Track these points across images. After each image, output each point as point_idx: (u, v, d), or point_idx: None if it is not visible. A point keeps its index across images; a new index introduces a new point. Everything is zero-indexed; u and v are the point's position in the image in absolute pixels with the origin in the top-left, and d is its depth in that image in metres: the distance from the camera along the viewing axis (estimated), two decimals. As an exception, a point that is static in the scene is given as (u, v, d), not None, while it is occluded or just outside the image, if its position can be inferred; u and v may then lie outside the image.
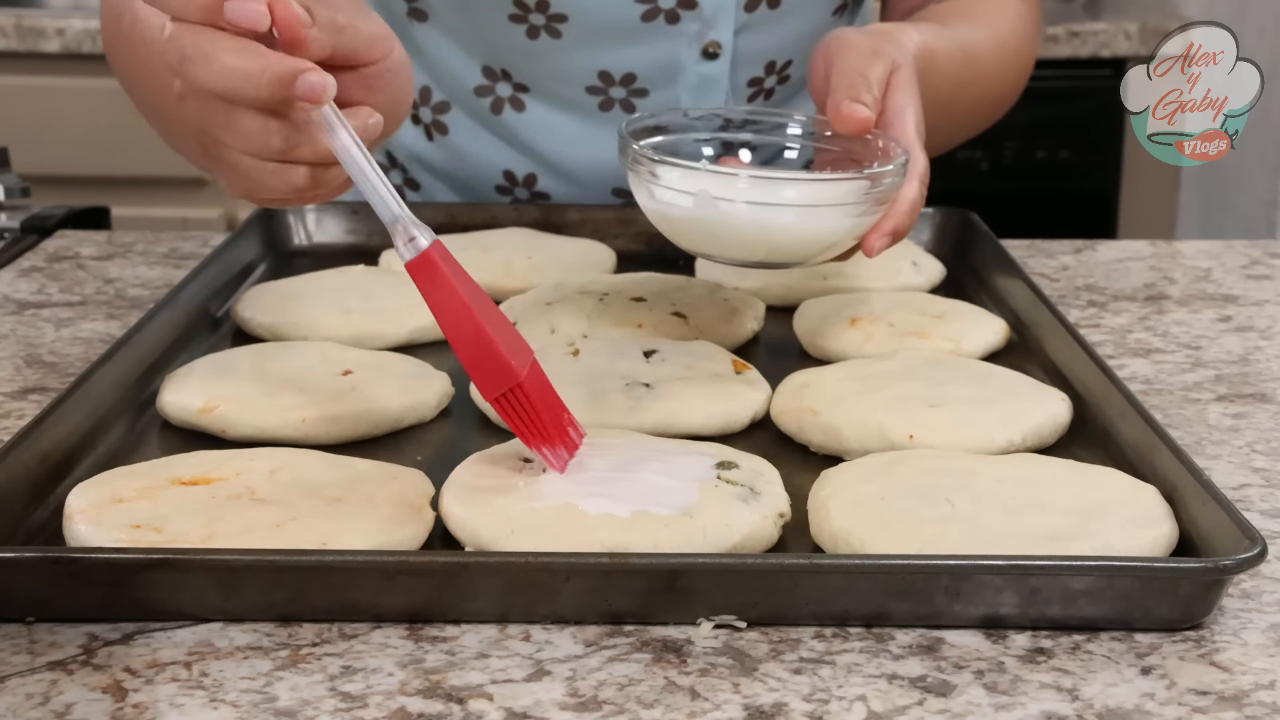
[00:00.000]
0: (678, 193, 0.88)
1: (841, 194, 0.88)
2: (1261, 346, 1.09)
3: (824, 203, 0.88)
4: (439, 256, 0.77)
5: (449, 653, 0.67)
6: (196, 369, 0.94)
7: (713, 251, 0.91)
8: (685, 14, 1.20)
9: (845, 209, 0.88)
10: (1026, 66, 1.23)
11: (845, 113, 0.92)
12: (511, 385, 0.77)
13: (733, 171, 0.89)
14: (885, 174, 0.89)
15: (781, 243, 0.89)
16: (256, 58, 0.72)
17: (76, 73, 2.58)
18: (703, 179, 0.88)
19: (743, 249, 0.90)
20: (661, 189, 0.89)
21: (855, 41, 0.97)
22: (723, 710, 0.63)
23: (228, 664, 0.67)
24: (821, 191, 0.88)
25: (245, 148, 0.76)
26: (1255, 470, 0.88)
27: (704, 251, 0.92)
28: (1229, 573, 0.69)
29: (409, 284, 1.10)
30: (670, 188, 0.89)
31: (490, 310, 0.78)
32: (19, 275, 1.22)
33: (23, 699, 0.64)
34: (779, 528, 0.77)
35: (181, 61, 0.73)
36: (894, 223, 0.91)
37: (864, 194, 0.88)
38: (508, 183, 1.30)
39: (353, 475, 0.79)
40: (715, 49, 1.22)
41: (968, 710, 0.64)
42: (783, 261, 0.92)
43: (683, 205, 0.88)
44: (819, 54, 0.99)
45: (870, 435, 0.87)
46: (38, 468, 0.81)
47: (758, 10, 1.21)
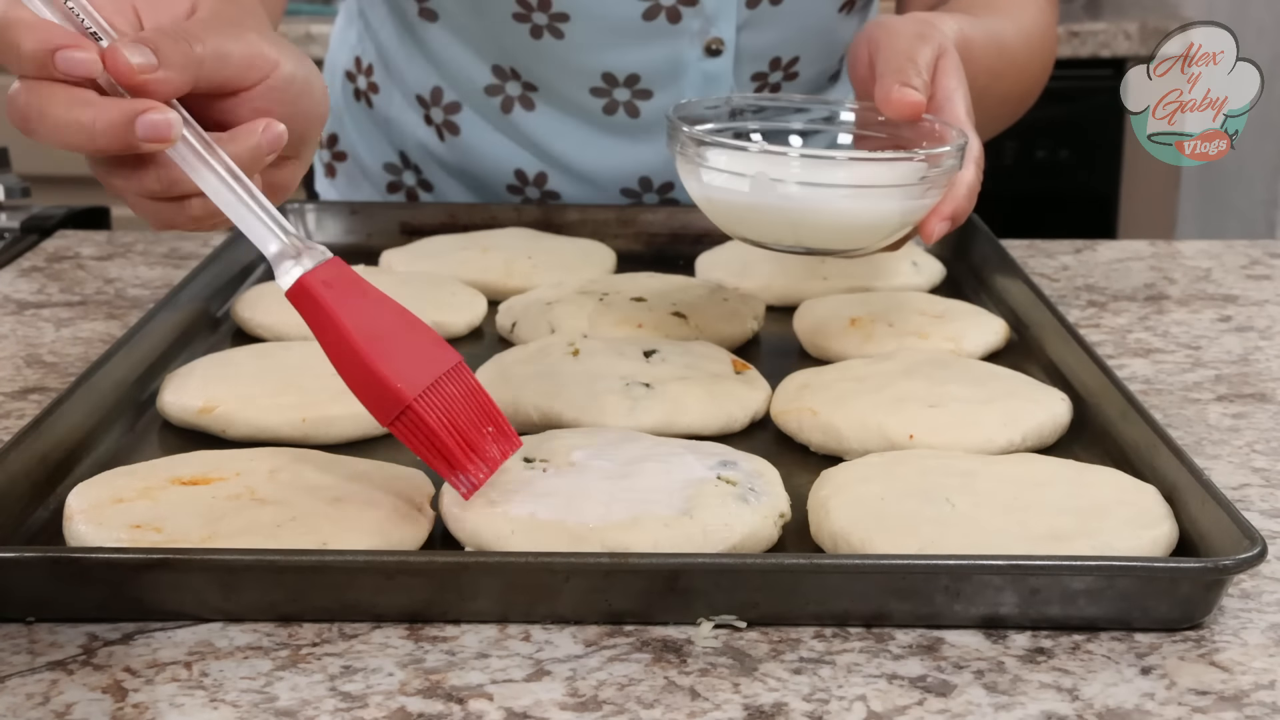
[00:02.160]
0: (732, 176, 0.86)
1: (900, 175, 0.86)
2: (1261, 346, 1.09)
3: (883, 184, 0.86)
4: (319, 282, 0.71)
5: (449, 653, 0.68)
6: (196, 369, 0.94)
7: (766, 238, 0.89)
8: (687, 11, 1.20)
9: (903, 191, 0.86)
10: (1050, 60, 1.22)
11: (895, 97, 0.90)
12: (400, 410, 0.71)
13: (790, 152, 0.87)
14: (944, 155, 0.86)
15: (838, 226, 0.87)
16: (86, 107, 0.67)
17: (76, 73, 2.57)
18: (759, 161, 0.85)
19: (798, 234, 0.88)
20: (714, 174, 0.87)
21: (899, 26, 0.95)
22: (723, 710, 0.63)
23: (228, 664, 0.67)
24: (881, 173, 0.86)
25: (127, 190, 0.71)
26: (1255, 470, 0.88)
27: (757, 238, 0.90)
28: (1229, 573, 0.69)
29: (409, 284, 1.11)
30: (724, 171, 0.86)
31: (389, 328, 0.72)
32: (19, 275, 1.22)
33: (23, 699, 0.64)
34: (779, 528, 0.77)
35: (24, 121, 0.68)
36: (953, 206, 0.89)
37: (922, 176, 0.86)
38: (519, 182, 1.30)
39: (353, 475, 0.79)
40: (718, 46, 1.22)
41: (968, 710, 0.64)
42: (838, 248, 0.90)
43: (737, 190, 0.86)
44: (861, 40, 0.97)
45: (870, 435, 0.87)
46: (38, 468, 0.81)
47: (759, 6, 1.21)
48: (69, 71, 0.67)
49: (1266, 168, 2.56)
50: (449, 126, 1.29)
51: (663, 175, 1.30)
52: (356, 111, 1.36)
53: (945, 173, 0.87)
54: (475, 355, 1.01)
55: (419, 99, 1.30)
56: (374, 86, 1.34)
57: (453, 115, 1.29)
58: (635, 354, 0.96)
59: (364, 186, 1.38)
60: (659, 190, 1.30)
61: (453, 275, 1.14)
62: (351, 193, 1.39)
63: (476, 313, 1.09)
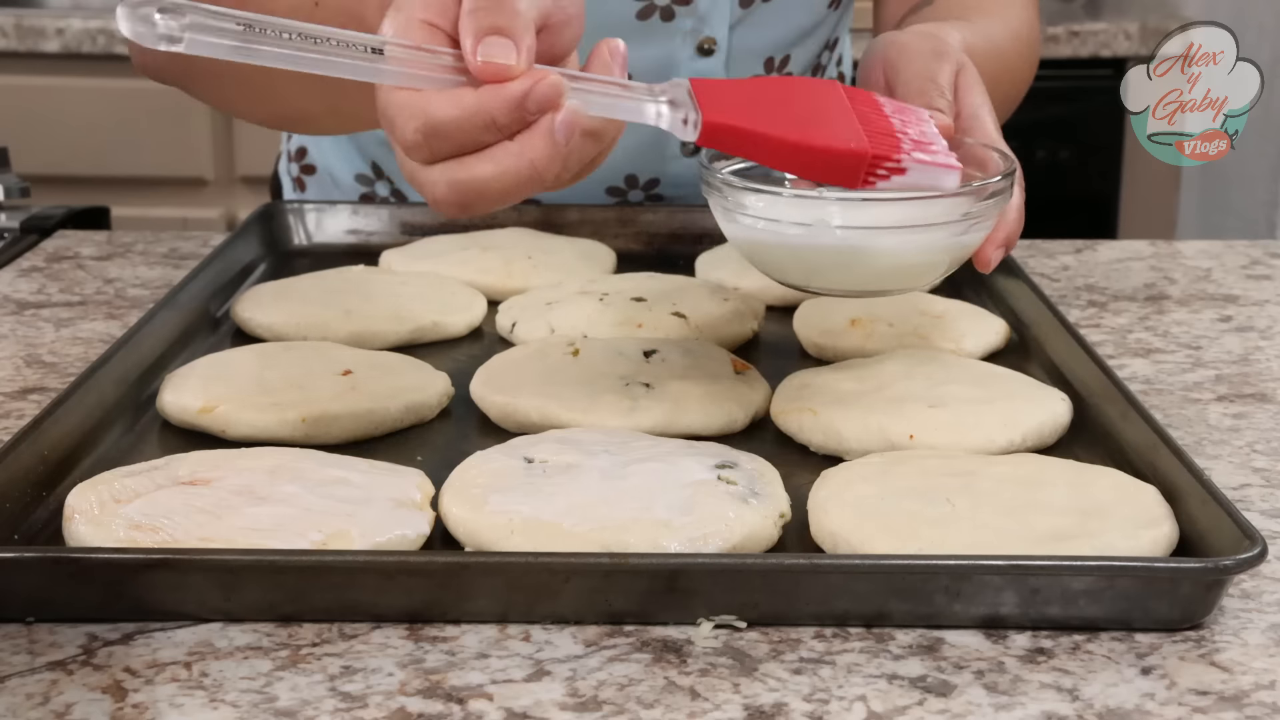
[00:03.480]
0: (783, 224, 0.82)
1: (957, 209, 0.82)
2: (1261, 346, 1.09)
3: (942, 220, 0.82)
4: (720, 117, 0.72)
5: (449, 653, 0.67)
6: (196, 369, 0.94)
7: (815, 283, 0.85)
8: (680, 10, 1.20)
9: (962, 225, 0.83)
10: (1036, 60, 1.21)
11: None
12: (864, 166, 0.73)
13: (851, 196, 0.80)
14: (999, 184, 0.83)
15: (898, 267, 0.83)
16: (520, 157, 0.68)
17: (76, 73, 2.58)
18: (818, 207, 0.81)
19: (854, 278, 0.84)
20: (760, 221, 0.82)
21: (913, 44, 0.94)
22: (723, 710, 0.63)
23: (228, 664, 0.67)
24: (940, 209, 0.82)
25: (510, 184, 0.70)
26: (1255, 470, 0.88)
27: (804, 284, 0.86)
28: (1229, 573, 0.69)
29: (409, 284, 1.11)
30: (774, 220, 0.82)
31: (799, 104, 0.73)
32: (19, 275, 1.22)
33: (23, 699, 0.64)
34: (779, 528, 0.77)
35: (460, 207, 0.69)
36: (1006, 232, 0.86)
37: (977, 206, 0.83)
38: None
39: (353, 475, 0.79)
40: (710, 45, 1.22)
41: (968, 710, 0.64)
42: (896, 289, 0.86)
43: (789, 234, 0.82)
44: (875, 61, 0.95)
45: (870, 435, 0.87)
46: (38, 468, 0.81)
47: (752, 5, 1.21)
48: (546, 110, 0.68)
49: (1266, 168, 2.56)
50: None
51: (648, 172, 1.29)
52: None
53: (1002, 200, 0.84)
54: (475, 355, 1.01)
55: None
56: None
57: None
58: (635, 354, 0.96)
59: (335, 198, 1.37)
60: (644, 187, 1.30)
61: (453, 275, 1.14)
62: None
63: (476, 313, 1.09)
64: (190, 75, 1.02)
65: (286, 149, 1.41)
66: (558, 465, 0.80)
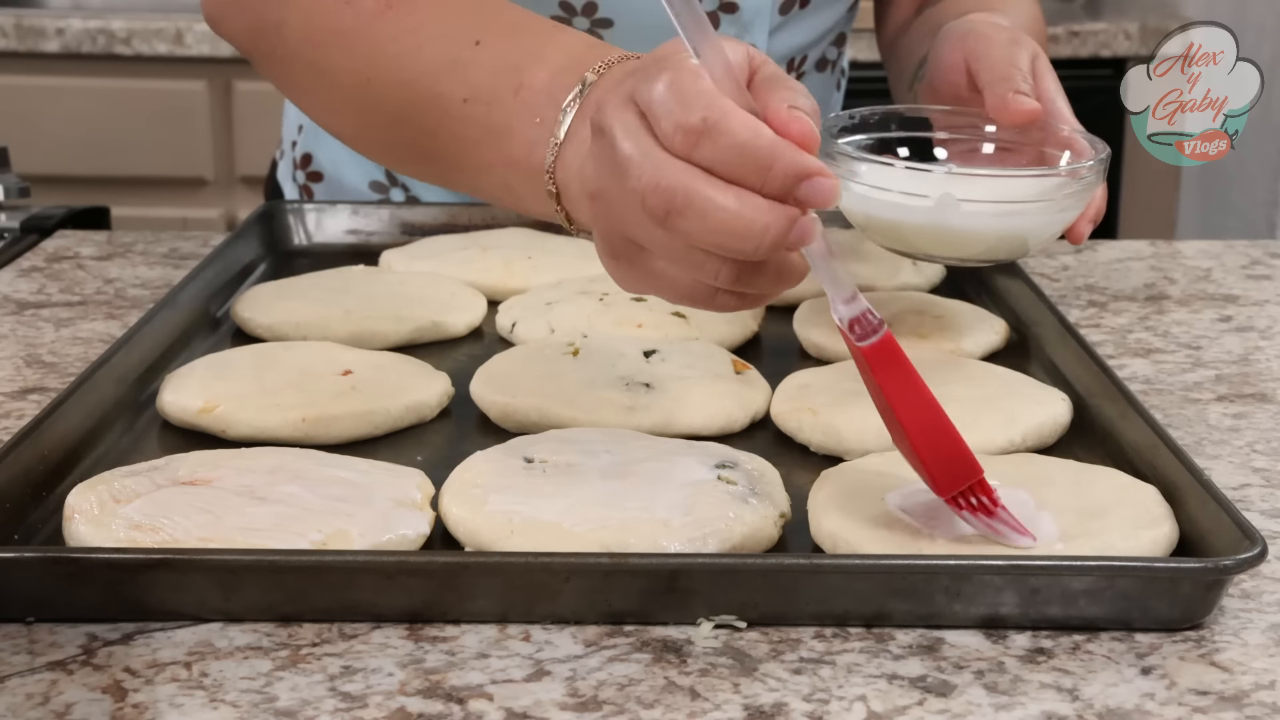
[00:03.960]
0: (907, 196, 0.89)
1: (1067, 186, 0.91)
2: (1261, 346, 1.09)
3: (1056, 197, 0.90)
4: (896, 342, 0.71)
5: (449, 653, 0.67)
6: (196, 369, 0.94)
7: (921, 250, 0.94)
8: (725, 18, 1.19)
9: (1071, 199, 0.91)
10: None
11: (1014, 106, 0.93)
12: (974, 480, 0.72)
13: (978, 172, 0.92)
14: (1102, 162, 0.92)
15: (1009, 239, 0.92)
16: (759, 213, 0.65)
17: (76, 73, 2.58)
18: (943, 182, 0.89)
19: (970, 248, 0.92)
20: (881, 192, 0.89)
21: (993, 34, 0.98)
22: (723, 710, 0.63)
23: (228, 664, 0.67)
24: (1053, 186, 0.91)
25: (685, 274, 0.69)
26: (1255, 470, 0.88)
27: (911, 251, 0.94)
28: (1229, 573, 0.69)
29: (409, 284, 1.11)
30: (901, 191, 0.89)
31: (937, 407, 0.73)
32: (19, 275, 1.22)
33: (23, 699, 0.64)
34: (779, 528, 0.77)
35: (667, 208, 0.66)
36: (1096, 208, 0.93)
37: (1076, 184, 0.91)
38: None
39: (353, 475, 0.79)
40: None
41: (968, 710, 0.64)
42: (999, 258, 0.95)
43: (915, 208, 0.89)
44: (954, 46, 1.00)
45: (870, 435, 0.86)
46: (38, 468, 0.81)
47: (790, 11, 1.21)
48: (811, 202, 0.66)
49: (1266, 168, 2.56)
50: None
51: None
52: None
53: (1098, 180, 0.92)
54: (475, 355, 1.01)
55: None
56: None
57: None
58: (635, 354, 0.96)
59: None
60: None
61: (453, 275, 1.14)
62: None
63: (476, 313, 1.09)
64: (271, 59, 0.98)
65: (291, 155, 1.40)
66: (558, 465, 0.80)
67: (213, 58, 2.54)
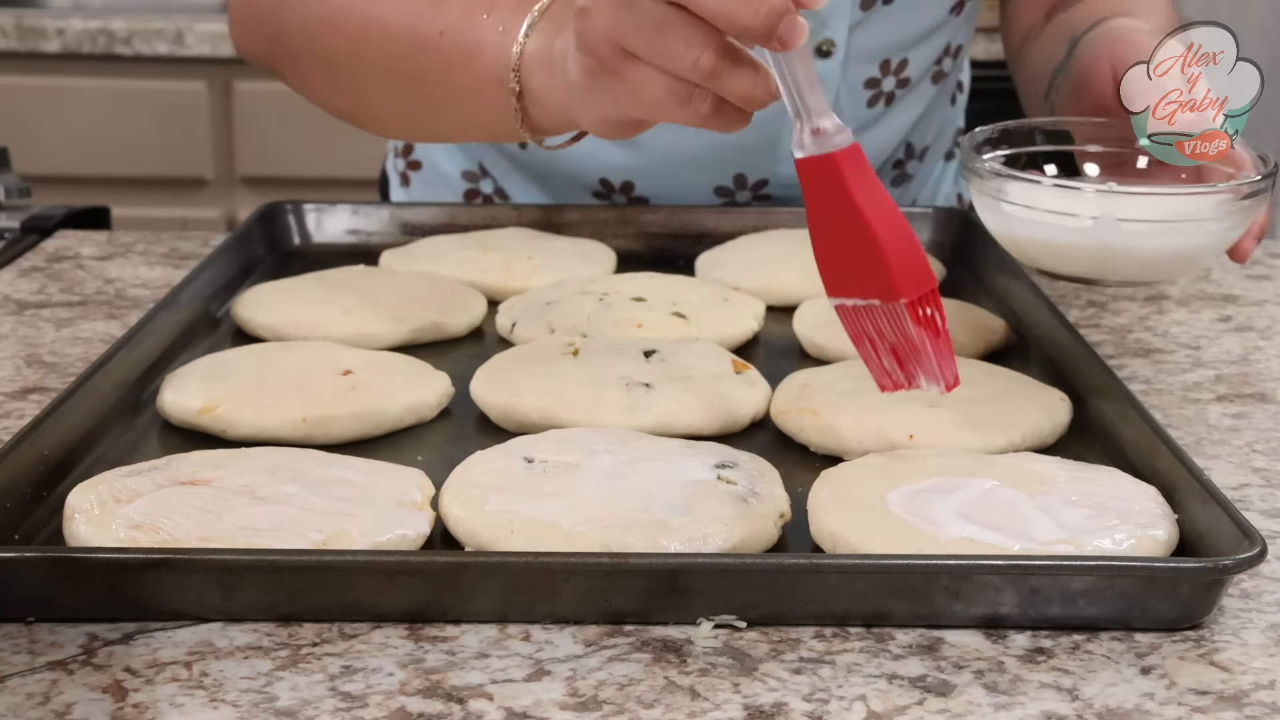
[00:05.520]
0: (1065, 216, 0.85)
1: (1230, 203, 0.87)
2: (1261, 346, 1.09)
3: (1222, 215, 0.86)
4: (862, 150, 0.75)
5: (449, 653, 0.68)
6: (196, 369, 0.94)
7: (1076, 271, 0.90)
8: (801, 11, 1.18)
9: (1236, 218, 0.87)
10: None
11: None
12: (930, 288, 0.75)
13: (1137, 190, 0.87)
14: (1272, 179, 0.87)
15: (1169, 258, 0.88)
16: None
17: (76, 73, 2.58)
18: (1102, 201, 0.85)
19: (1131, 269, 0.89)
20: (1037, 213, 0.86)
21: (1140, 39, 0.94)
22: (723, 710, 0.63)
23: (228, 664, 0.67)
24: (1217, 203, 0.87)
25: (665, 65, 0.75)
26: (1255, 470, 0.88)
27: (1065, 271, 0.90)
28: (1229, 573, 0.69)
29: (409, 284, 1.11)
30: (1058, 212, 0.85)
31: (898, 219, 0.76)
32: (19, 275, 1.22)
33: (23, 699, 0.64)
34: (779, 528, 0.77)
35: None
36: (1261, 224, 0.90)
37: (1241, 201, 0.87)
38: (604, 189, 1.29)
39: (353, 475, 0.79)
40: (829, 47, 1.20)
41: (968, 710, 0.64)
42: (1158, 279, 0.92)
43: (1072, 227, 0.86)
44: (1100, 55, 0.97)
45: (870, 435, 0.87)
46: (38, 468, 0.81)
47: (873, 6, 1.20)
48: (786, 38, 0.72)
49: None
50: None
51: (758, 172, 1.27)
52: None
53: (1265, 197, 0.88)
54: (475, 355, 1.01)
55: None
56: None
57: None
58: (635, 354, 0.96)
59: (441, 195, 1.36)
60: (752, 188, 1.28)
61: (453, 275, 1.14)
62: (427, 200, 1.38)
63: (476, 313, 1.09)
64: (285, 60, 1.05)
65: (393, 145, 1.42)
66: (558, 465, 0.80)
67: (213, 58, 2.55)
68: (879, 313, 0.75)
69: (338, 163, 2.63)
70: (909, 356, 0.75)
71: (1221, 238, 0.88)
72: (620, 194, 1.29)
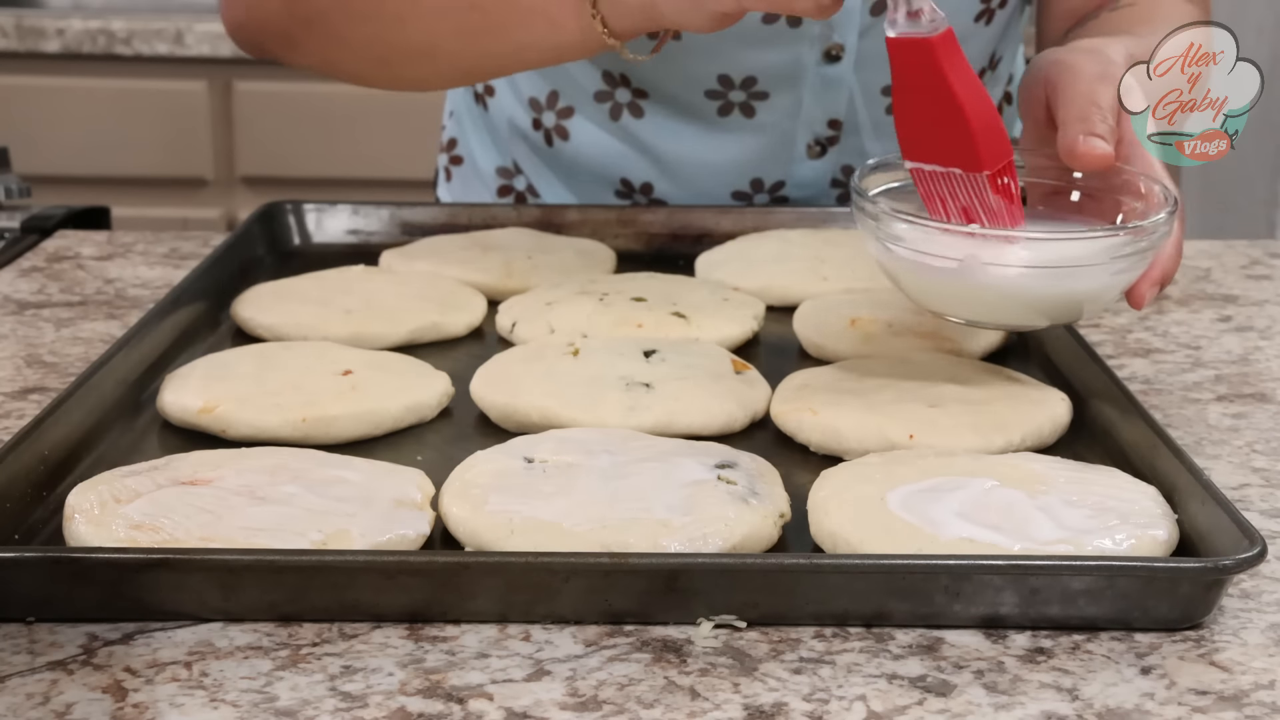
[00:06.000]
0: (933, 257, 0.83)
1: (1115, 248, 0.83)
2: (1261, 346, 1.09)
3: (1102, 261, 0.83)
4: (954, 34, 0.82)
5: (449, 653, 0.68)
6: (196, 369, 0.94)
7: (960, 314, 0.87)
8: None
9: (1122, 262, 0.83)
10: None
11: (1082, 150, 0.85)
12: (1009, 159, 0.83)
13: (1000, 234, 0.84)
14: (1159, 224, 0.84)
15: (1054, 304, 0.85)
16: None
17: (76, 73, 2.58)
18: (968, 244, 0.83)
19: (1003, 314, 0.86)
20: (909, 252, 0.84)
21: (1079, 64, 0.90)
22: (723, 710, 0.63)
23: (228, 664, 0.67)
24: (1098, 249, 0.83)
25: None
26: (1255, 470, 0.88)
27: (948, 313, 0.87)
28: (1229, 573, 0.69)
29: (409, 284, 1.11)
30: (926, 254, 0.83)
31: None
32: (19, 275, 1.22)
33: (23, 699, 0.64)
34: (779, 528, 0.77)
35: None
36: (1162, 270, 0.85)
37: (1134, 244, 0.83)
38: (625, 189, 1.29)
39: (353, 475, 0.79)
40: (838, 51, 1.20)
41: (968, 710, 0.64)
42: (1048, 323, 0.88)
43: (941, 269, 0.83)
44: (1037, 80, 0.92)
45: (870, 435, 0.87)
46: (38, 468, 0.81)
47: (883, 12, 1.19)
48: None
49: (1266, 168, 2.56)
50: (559, 131, 1.28)
51: (774, 175, 1.27)
52: (475, 114, 1.36)
53: (1161, 238, 0.84)
54: (475, 355, 1.01)
55: (532, 102, 1.29)
56: (490, 89, 1.33)
57: (565, 120, 1.27)
58: (635, 354, 0.96)
59: (477, 189, 1.37)
60: (770, 190, 1.28)
61: (453, 275, 1.14)
62: (465, 196, 1.38)
63: (476, 313, 1.09)
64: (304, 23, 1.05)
65: (439, 138, 1.43)
66: (558, 465, 0.80)
67: (213, 58, 2.55)
68: (958, 179, 0.83)
69: (338, 163, 2.63)
70: (979, 217, 0.84)
71: (1108, 282, 0.84)
72: (640, 194, 1.29)
